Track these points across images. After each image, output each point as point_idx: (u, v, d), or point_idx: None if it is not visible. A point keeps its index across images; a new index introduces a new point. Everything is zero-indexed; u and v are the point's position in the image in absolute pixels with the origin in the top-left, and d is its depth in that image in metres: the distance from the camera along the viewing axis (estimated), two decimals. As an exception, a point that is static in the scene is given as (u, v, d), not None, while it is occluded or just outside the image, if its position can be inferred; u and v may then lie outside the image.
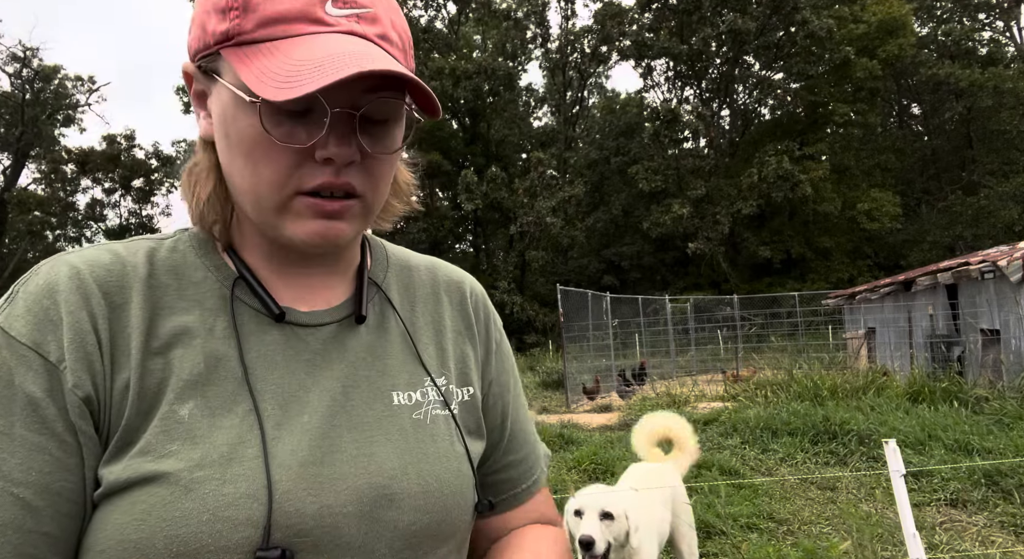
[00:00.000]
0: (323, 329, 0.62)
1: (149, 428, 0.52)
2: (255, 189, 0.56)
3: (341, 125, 0.54)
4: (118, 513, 0.50)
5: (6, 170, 32.70)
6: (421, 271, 0.74)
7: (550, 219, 26.09)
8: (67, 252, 0.58)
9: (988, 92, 28.02)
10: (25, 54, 31.28)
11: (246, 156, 0.55)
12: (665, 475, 3.06)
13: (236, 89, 0.53)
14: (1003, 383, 7.46)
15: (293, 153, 0.54)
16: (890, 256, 28.62)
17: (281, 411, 0.56)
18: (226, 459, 0.51)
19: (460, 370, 0.70)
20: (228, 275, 0.61)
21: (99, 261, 0.56)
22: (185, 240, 0.63)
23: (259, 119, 0.52)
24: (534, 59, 33.26)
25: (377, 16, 0.57)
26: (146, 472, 0.50)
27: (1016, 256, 7.87)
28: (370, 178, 0.58)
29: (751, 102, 33.11)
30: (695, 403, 9.67)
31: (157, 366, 0.54)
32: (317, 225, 0.56)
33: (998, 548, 3.80)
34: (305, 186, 0.55)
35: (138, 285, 0.57)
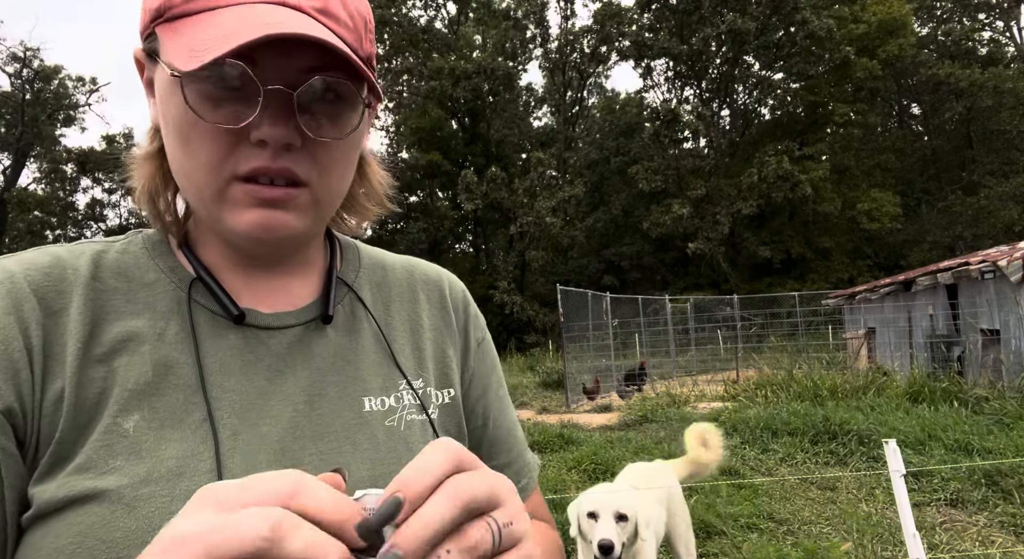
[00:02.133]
0: (287, 332, 0.58)
1: (88, 442, 0.47)
2: (191, 175, 0.52)
3: (278, 105, 0.50)
4: (52, 536, 0.45)
5: (6, 170, 32.71)
6: (396, 270, 0.70)
7: (550, 219, 26.08)
8: (3, 256, 0.54)
9: (988, 92, 28.03)
10: (25, 54, 31.29)
11: (180, 139, 0.52)
12: (662, 475, 3.06)
13: (166, 66, 0.49)
14: (1003, 383, 7.46)
15: (226, 134, 0.50)
16: (890, 256, 28.63)
17: (238, 421, 0.52)
18: (175, 474, 0.47)
19: (440, 371, 0.66)
20: (184, 276, 0.57)
21: (36, 264, 0.53)
22: (138, 242, 0.59)
23: (183, 97, 0.49)
24: (534, 59, 33.27)
25: None
26: (84, 489, 0.46)
27: (1016, 256, 7.87)
28: (316, 165, 0.53)
29: (751, 102, 33.11)
30: (695, 403, 9.67)
31: (98, 375, 0.50)
32: (256, 215, 0.52)
33: (998, 548, 3.80)
34: (240, 170, 0.51)
35: (79, 289, 0.52)
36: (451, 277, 0.75)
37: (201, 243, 0.59)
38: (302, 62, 0.50)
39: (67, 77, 33.35)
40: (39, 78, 32.15)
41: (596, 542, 2.31)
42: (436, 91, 27.55)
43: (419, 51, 29.49)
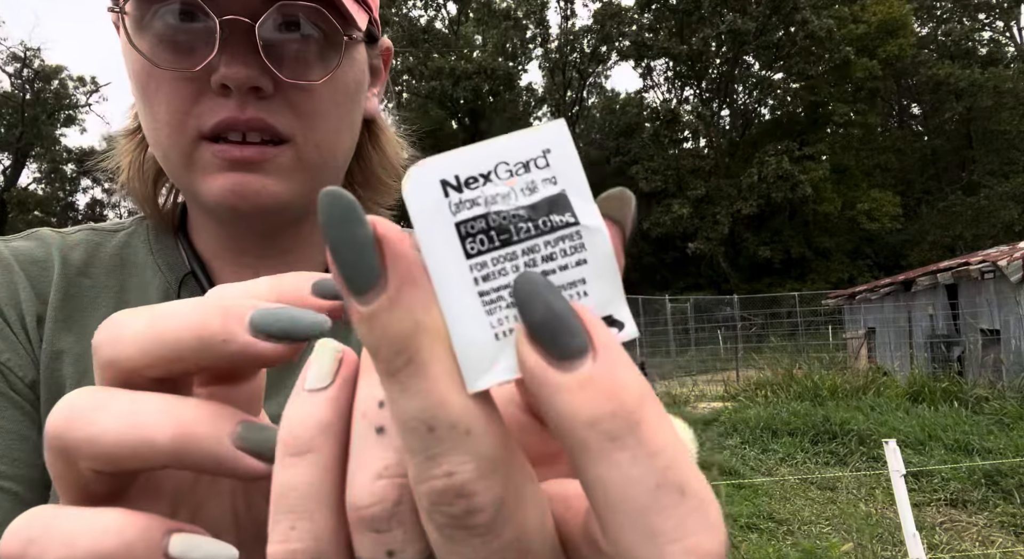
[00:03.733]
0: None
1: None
2: (156, 138, 0.45)
3: (238, 41, 0.42)
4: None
5: (6, 170, 32.71)
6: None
7: (550, 219, 26.01)
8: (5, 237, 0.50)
9: (988, 92, 28.03)
10: (25, 54, 31.29)
11: (140, 95, 0.45)
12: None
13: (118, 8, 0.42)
14: (1003, 383, 7.46)
15: (185, 83, 0.43)
16: (890, 256, 28.63)
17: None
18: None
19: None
20: (177, 271, 0.51)
21: (23, 248, 0.49)
22: (141, 232, 0.54)
23: (128, 37, 0.41)
24: (534, 59, 33.28)
25: None
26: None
27: (1016, 256, 7.87)
28: (298, 116, 0.45)
29: (751, 102, 33.11)
30: (695, 403, 9.67)
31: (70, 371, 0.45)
32: (227, 179, 0.44)
33: (998, 548, 3.80)
34: (205, 125, 0.43)
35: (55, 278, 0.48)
36: None
37: (195, 228, 0.53)
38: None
39: (68, 77, 33.37)
40: (39, 78, 32.15)
41: None
42: (436, 91, 27.55)
43: (419, 51, 29.49)
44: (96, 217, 35.71)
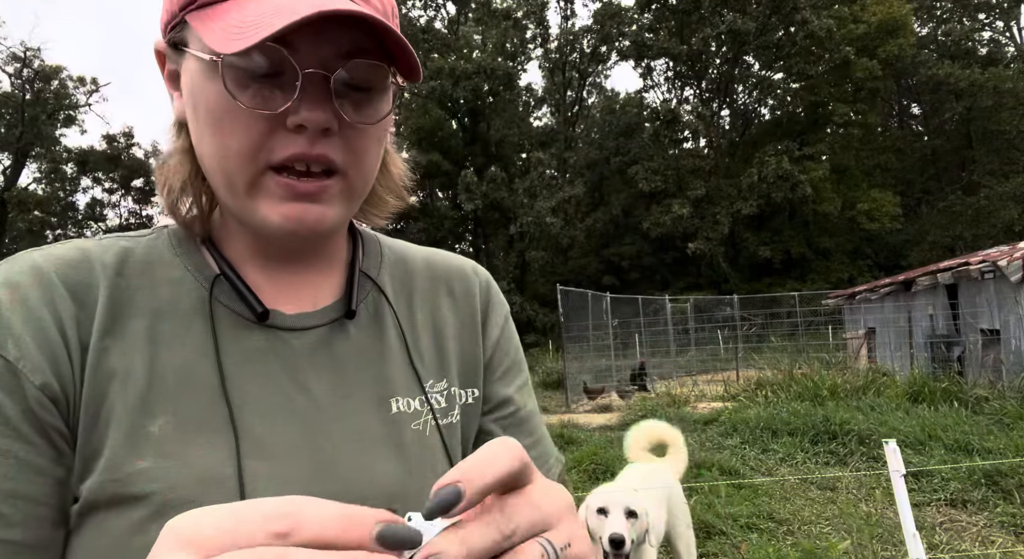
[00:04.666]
0: (310, 332, 0.56)
1: (114, 442, 0.47)
2: (224, 165, 0.50)
3: (315, 89, 0.48)
4: (91, 537, 0.46)
5: (6, 170, 32.71)
6: (418, 263, 0.67)
7: (550, 219, 26.08)
8: (32, 249, 0.53)
9: (988, 92, 28.03)
10: (25, 54, 31.29)
11: (213, 127, 0.50)
12: (662, 475, 3.06)
13: (200, 53, 0.49)
14: (1003, 383, 7.46)
15: (263, 120, 0.49)
16: (890, 256, 28.63)
17: (262, 425, 0.50)
18: (201, 481, 0.47)
19: (463, 370, 0.64)
20: (208, 274, 0.55)
21: (64, 257, 0.52)
22: (164, 237, 0.57)
23: (223, 81, 0.47)
24: (534, 59, 33.27)
25: None
26: (115, 492, 0.46)
27: (1016, 256, 7.87)
28: (351, 152, 0.52)
29: (751, 102, 33.13)
30: (695, 403, 9.67)
31: (118, 369, 0.49)
32: (291, 208, 0.50)
33: (998, 548, 3.80)
34: (276, 158, 0.49)
35: (102, 283, 0.51)
36: (475, 267, 0.71)
37: (225, 237, 0.58)
38: (337, 47, 0.49)
39: (68, 77, 33.36)
40: (39, 78, 32.15)
41: (607, 536, 2.32)
42: (436, 91, 27.55)
43: (419, 51, 29.48)
44: (96, 217, 35.72)
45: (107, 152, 34.71)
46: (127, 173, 35.20)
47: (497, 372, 0.67)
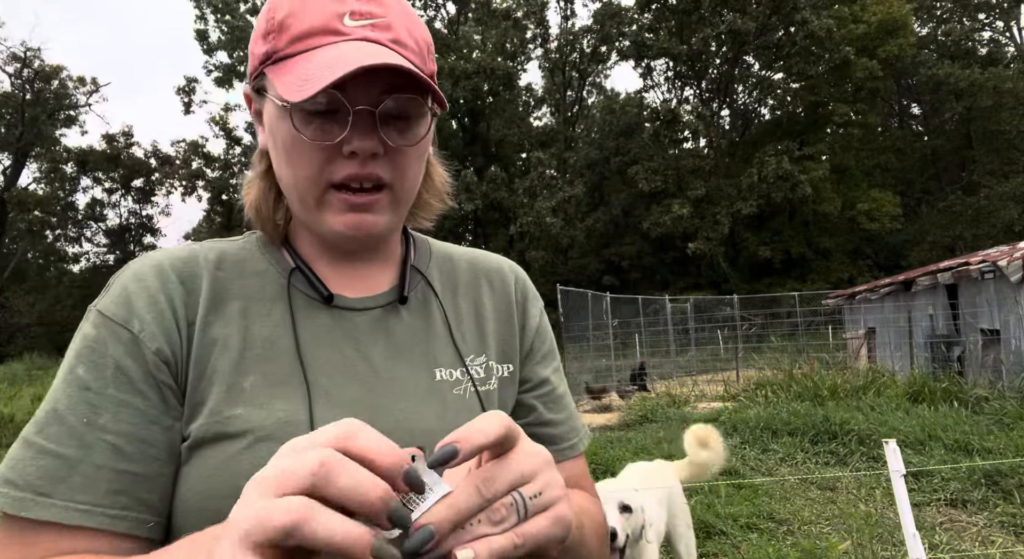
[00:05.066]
0: (369, 312, 0.70)
1: (217, 393, 0.61)
2: (296, 186, 0.65)
3: (363, 122, 0.61)
4: (198, 465, 0.59)
5: (6, 170, 32.71)
6: (462, 261, 0.81)
7: (550, 219, 26.08)
8: (157, 250, 0.69)
9: (988, 92, 28.03)
10: (26, 54, 31.29)
11: (286, 156, 0.64)
12: (663, 475, 3.06)
13: (275, 99, 0.63)
14: (1003, 383, 7.46)
15: (323, 150, 0.62)
16: (890, 256, 28.63)
17: (329, 383, 0.64)
18: (282, 424, 0.60)
19: (500, 349, 0.76)
20: (286, 267, 0.70)
21: (176, 255, 0.67)
22: (252, 240, 0.73)
23: (291, 122, 0.61)
24: (534, 59, 33.27)
25: (390, 24, 0.64)
26: (217, 432, 0.59)
27: (1016, 256, 7.87)
28: (395, 169, 0.65)
29: (751, 102, 33.12)
30: (695, 403, 9.67)
31: (219, 338, 0.63)
32: (350, 218, 0.64)
33: (998, 548, 3.80)
34: (336, 178, 0.63)
35: (205, 274, 0.66)
36: (511, 265, 0.85)
37: (298, 239, 0.72)
38: (380, 85, 0.61)
39: (68, 77, 33.35)
40: (39, 78, 32.15)
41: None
42: (436, 91, 27.51)
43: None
44: (96, 217, 35.71)
45: (107, 152, 34.69)
46: (127, 173, 35.19)
47: (537, 356, 0.80)
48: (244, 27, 32.31)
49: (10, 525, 0.55)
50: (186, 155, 34.43)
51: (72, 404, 0.58)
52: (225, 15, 32.31)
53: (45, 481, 0.55)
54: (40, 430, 0.57)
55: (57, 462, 0.56)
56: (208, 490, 0.58)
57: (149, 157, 35.97)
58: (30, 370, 17.87)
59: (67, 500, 0.55)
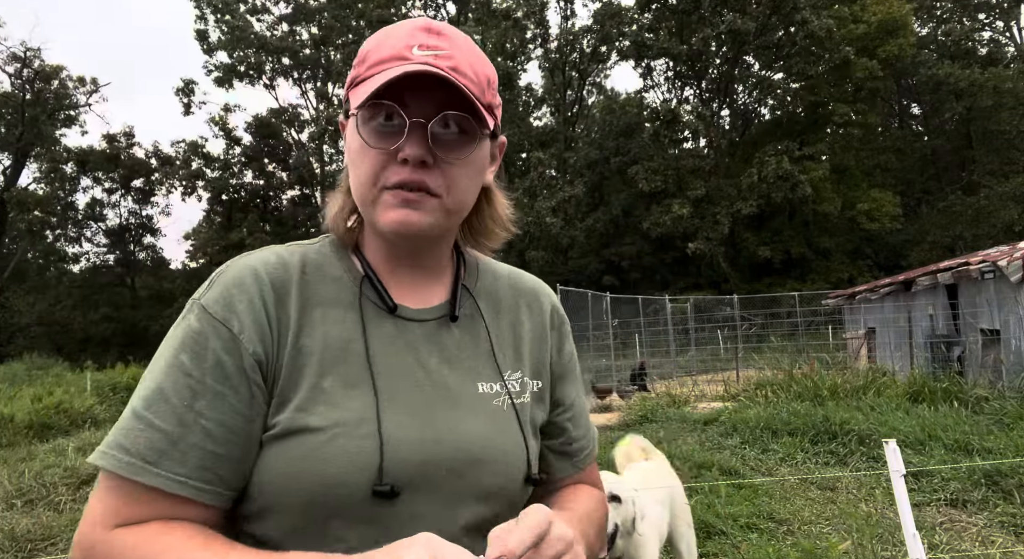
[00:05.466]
0: (426, 324, 0.78)
1: (302, 392, 0.69)
2: (359, 187, 0.74)
3: (417, 133, 0.70)
4: (280, 453, 0.67)
5: (6, 170, 32.71)
6: (504, 280, 0.90)
7: (550, 219, 26.09)
8: (246, 254, 0.77)
9: (988, 92, 28.02)
10: (26, 54, 31.29)
11: (354, 163, 0.74)
12: (664, 475, 3.06)
13: (349, 113, 0.74)
14: (1003, 383, 7.46)
15: (381, 155, 0.71)
16: (890, 256, 28.62)
17: (393, 387, 0.72)
18: (356, 421, 0.68)
19: (534, 366, 0.85)
20: (356, 275, 0.78)
21: (270, 261, 0.75)
22: (327, 245, 0.81)
23: (358, 130, 0.72)
24: (534, 59, 33.27)
25: (452, 56, 0.72)
26: (301, 425, 0.68)
27: (1016, 256, 7.87)
28: (444, 179, 0.73)
29: (751, 102, 33.11)
30: (695, 403, 9.67)
31: (305, 345, 0.72)
32: (398, 213, 0.72)
33: (998, 548, 3.80)
34: (390, 181, 0.71)
35: (294, 281, 0.75)
36: (548, 291, 0.95)
37: (366, 246, 0.81)
38: (436, 103, 0.70)
39: (68, 77, 33.34)
40: (39, 78, 32.15)
41: None
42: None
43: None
44: (96, 217, 35.69)
45: (107, 152, 34.67)
46: (127, 173, 35.16)
47: (569, 378, 0.91)
48: (244, 27, 32.33)
49: (118, 482, 0.65)
50: (186, 155, 34.41)
51: (176, 387, 0.67)
52: (225, 15, 32.32)
53: (151, 452, 0.65)
54: (148, 406, 0.66)
55: (161, 437, 0.65)
56: (295, 473, 0.67)
57: (149, 157, 35.97)
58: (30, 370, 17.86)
59: (168, 471, 0.65)
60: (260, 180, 34.81)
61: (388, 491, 0.67)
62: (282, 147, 34.77)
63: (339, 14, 32.31)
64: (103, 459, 0.65)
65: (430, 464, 0.70)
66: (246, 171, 34.69)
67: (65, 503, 5.45)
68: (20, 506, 5.45)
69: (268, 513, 0.69)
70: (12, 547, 4.33)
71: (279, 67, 34.08)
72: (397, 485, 0.67)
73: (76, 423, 10.71)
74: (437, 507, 0.70)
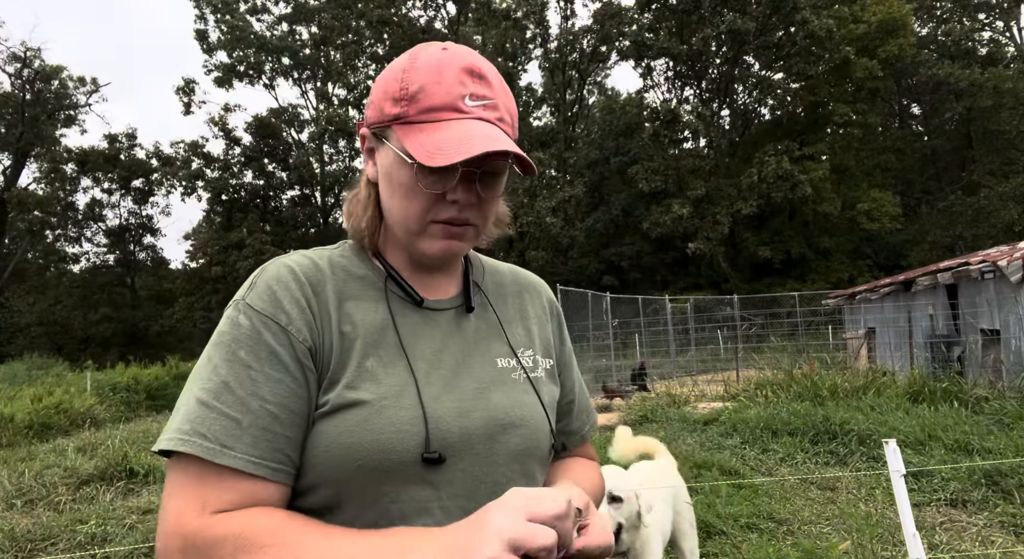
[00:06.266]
0: (447, 313, 0.87)
1: (347, 372, 0.77)
2: (406, 219, 0.82)
3: (466, 179, 0.78)
4: (333, 426, 0.74)
5: (6, 170, 32.72)
6: (506, 275, 1.01)
7: (550, 219, 26.10)
8: (282, 256, 0.85)
9: (988, 92, 28.03)
10: (26, 54, 31.30)
11: (403, 197, 0.81)
12: (667, 474, 3.06)
13: (400, 152, 0.79)
14: (1003, 383, 7.46)
15: (433, 196, 0.79)
16: (890, 256, 28.63)
17: (427, 365, 0.81)
18: (398, 394, 0.76)
19: (544, 346, 0.96)
20: (380, 274, 0.87)
21: (303, 262, 0.83)
22: (348, 249, 0.89)
23: (414, 174, 0.78)
24: (534, 59, 33.27)
25: (498, 105, 0.81)
26: (351, 399, 0.75)
27: (1016, 256, 7.87)
28: (481, 213, 0.83)
29: (751, 102, 33.11)
30: (695, 403, 9.67)
31: (348, 332, 0.80)
32: (444, 244, 0.82)
33: (998, 548, 3.80)
34: (439, 217, 0.80)
35: (328, 279, 0.83)
36: (543, 284, 1.06)
37: (387, 251, 0.89)
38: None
39: (68, 77, 33.34)
40: (39, 78, 32.15)
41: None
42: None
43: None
44: (96, 217, 35.69)
45: (107, 152, 34.67)
46: (127, 173, 35.17)
47: (567, 361, 1.03)
48: (244, 27, 32.32)
49: (196, 469, 0.70)
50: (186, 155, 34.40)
51: (239, 379, 0.73)
52: (225, 15, 32.32)
53: (226, 437, 0.70)
54: (216, 396, 0.72)
55: (232, 423, 0.71)
56: (350, 443, 0.73)
57: (150, 157, 35.95)
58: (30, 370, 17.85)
59: (244, 453, 0.70)
60: (260, 180, 34.78)
61: (436, 458, 0.74)
62: (282, 147, 34.75)
63: (339, 14, 32.30)
64: (184, 445, 0.69)
65: (467, 431, 0.78)
66: (246, 171, 34.66)
67: (65, 503, 5.45)
68: (20, 506, 5.45)
69: (318, 487, 0.75)
70: (12, 547, 4.33)
71: (279, 67, 34.07)
72: (443, 452, 0.76)
73: (76, 423, 10.71)
74: (477, 468, 0.79)
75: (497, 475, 0.80)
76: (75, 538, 4.37)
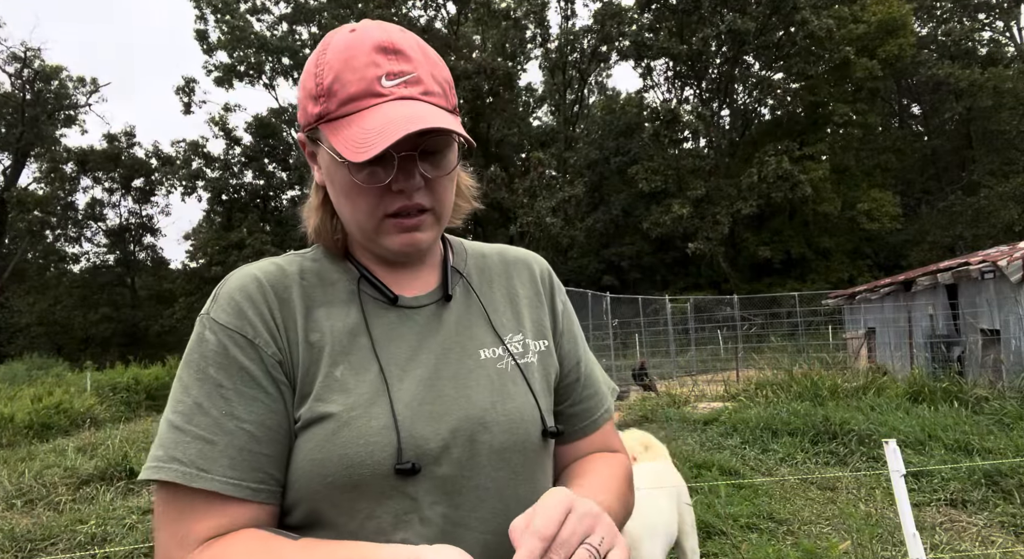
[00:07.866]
0: (424, 309, 0.82)
1: (317, 384, 0.73)
2: (356, 218, 0.78)
3: (406, 163, 0.74)
4: (305, 441, 0.72)
5: (6, 170, 32.69)
6: (493, 256, 0.95)
7: (550, 219, 26.09)
8: (249, 264, 0.81)
9: (988, 92, 28.02)
10: (26, 54, 31.28)
11: (345, 196, 0.77)
12: (668, 475, 3.06)
13: (331, 152, 0.74)
14: (1003, 383, 7.46)
15: (378, 190, 0.75)
16: (890, 256, 28.63)
17: (401, 370, 0.76)
18: (368, 403, 0.72)
19: (535, 327, 0.90)
20: (353, 276, 0.83)
21: (268, 269, 0.79)
22: (320, 254, 0.85)
23: (348, 172, 0.74)
24: (534, 59, 33.26)
25: (419, 77, 0.75)
26: (319, 412, 0.72)
27: (1016, 256, 7.87)
28: (434, 194, 0.78)
29: (751, 102, 33.10)
30: (695, 403, 9.67)
31: (315, 342, 0.76)
32: (403, 238, 0.78)
33: (998, 548, 3.80)
34: (389, 210, 0.76)
35: (295, 286, 0.79)
36: (536, 257, 0.99)
37: (357, 253, 0.85)
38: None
39: (68, 77, 33.32)
40: (39, 78, 32.13)
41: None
42: (436, 91, 27.51)
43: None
44: (96, 217, 35.67)
45: (107, 152, 34.65)
46: (127, 173, 35.15)
47: (567, 336, 0.94)
48: (244, 27, 32.31)
49: (177, 495, 0.68)
50: (186, 155, 34.38)
51: (211, 399, 0.71)
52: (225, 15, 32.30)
53: (203, 460, 0.68)
54: (188, 420, 0.70)
55: (208, 446, 0.69)
56: (320, 458, 0.70)
57: (150, 157, 35.92)
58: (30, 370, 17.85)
59: (222, 476, 0.68)
60: (260, 180, 34.76)
61: (410, 468, 0.70)
62: (282, 147, 34.73)
63: (339, 14, 32.28)
64: (160, 472, 0.67)
65: (443, 435, 0.74)
66: (246, 171, 34.63)
67: (65, 503, 5.45)
68: (20, 506, 5.45)
69: (299, 504, 0.72)
70: (12, 547, 4.33)
71: (279, 67, 34.05)
72: (417, 461, 0.71)
73: (76, 423, 10.71)
74: (458, 473, 0.74)
75: (480, 477, 0.75)
76: (75, 538, 4.38)
